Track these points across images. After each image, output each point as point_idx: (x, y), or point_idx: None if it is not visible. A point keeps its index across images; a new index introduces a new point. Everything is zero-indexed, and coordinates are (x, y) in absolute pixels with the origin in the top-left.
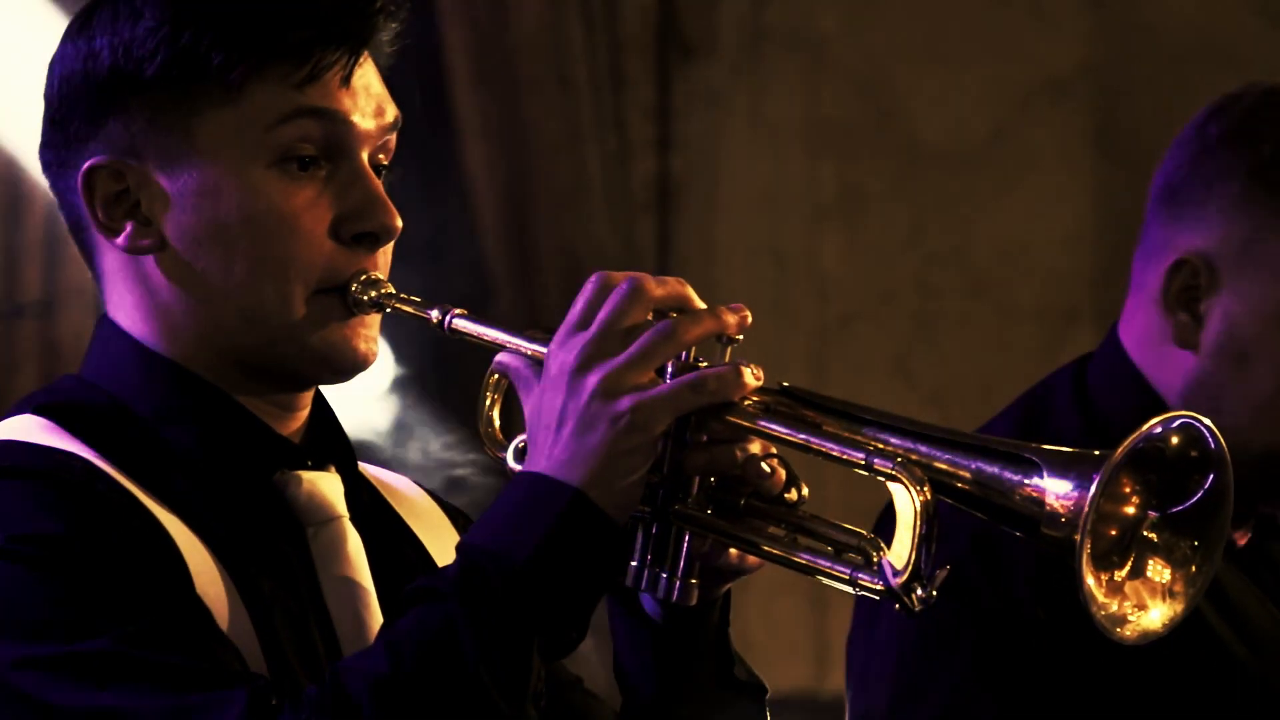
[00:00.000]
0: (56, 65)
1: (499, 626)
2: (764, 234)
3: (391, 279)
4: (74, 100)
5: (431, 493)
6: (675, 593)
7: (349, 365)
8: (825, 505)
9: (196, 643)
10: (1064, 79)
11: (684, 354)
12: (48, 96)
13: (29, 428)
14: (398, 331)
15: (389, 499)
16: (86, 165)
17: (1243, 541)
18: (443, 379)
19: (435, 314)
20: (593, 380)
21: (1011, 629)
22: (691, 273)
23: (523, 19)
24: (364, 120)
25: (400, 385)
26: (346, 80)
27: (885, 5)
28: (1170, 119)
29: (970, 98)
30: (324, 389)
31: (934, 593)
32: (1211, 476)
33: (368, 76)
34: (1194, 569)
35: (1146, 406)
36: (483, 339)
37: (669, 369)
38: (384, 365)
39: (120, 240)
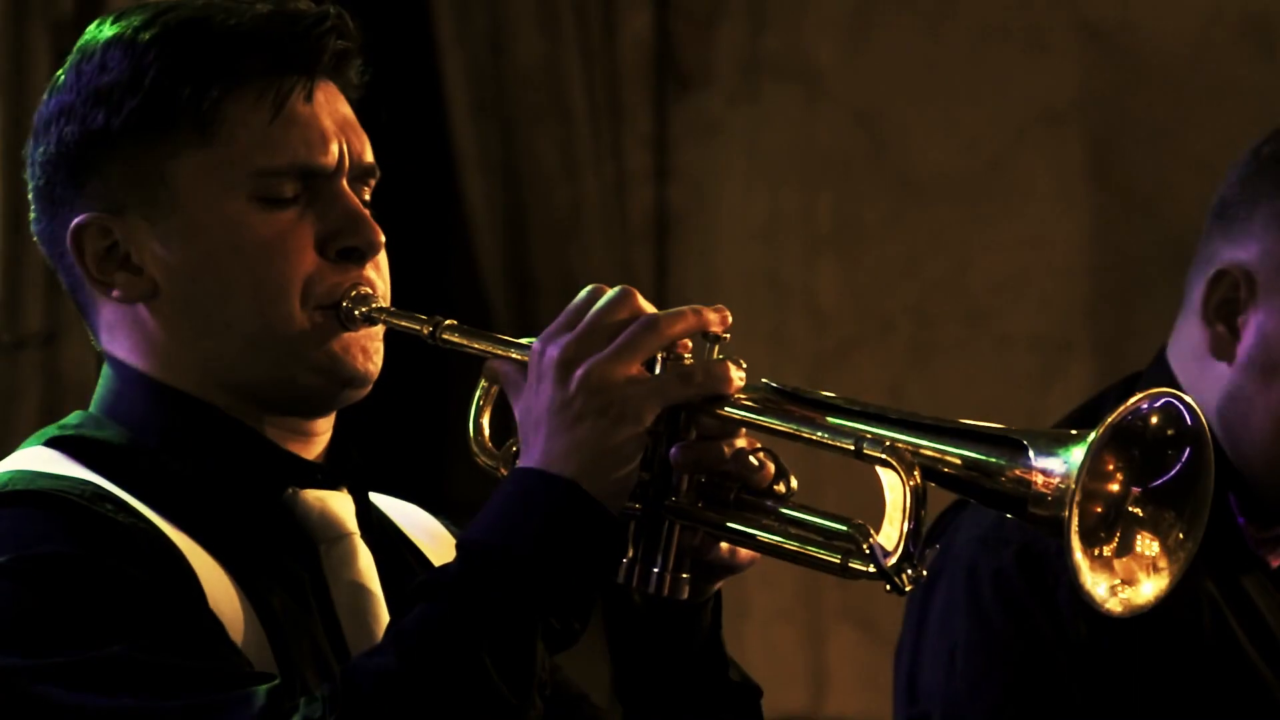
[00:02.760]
0: (37, 134)
1: (501, 617)
2: (761, 264)
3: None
4: (54, 167)
5: (443, 519)
6: (666, 587)
7: (351, 379)
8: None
9: (212, 648)
10: (1060, 110)
11: (671, 351)
12: (30, 167)
13: (41, 459)
14: None
15: (400, 523)
16: (73, 225)
17: (1277, 563)
18: None
19: (426, 327)
20: (580, 373)
21: (1055, 642)
22: (689, 302)
23: (520, 51)
24: (341, 155)
25: None
26: (308, 99)
27: (882, 37)
28: (1166, 150)
29: (966, 129)
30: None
31: (924, 572)
32: (1188, 450)
33: (340, 110)
34: (1180, 537)
35: None
36: (473, 348)
37: (658, 365)
38: None
39: (115, 293)
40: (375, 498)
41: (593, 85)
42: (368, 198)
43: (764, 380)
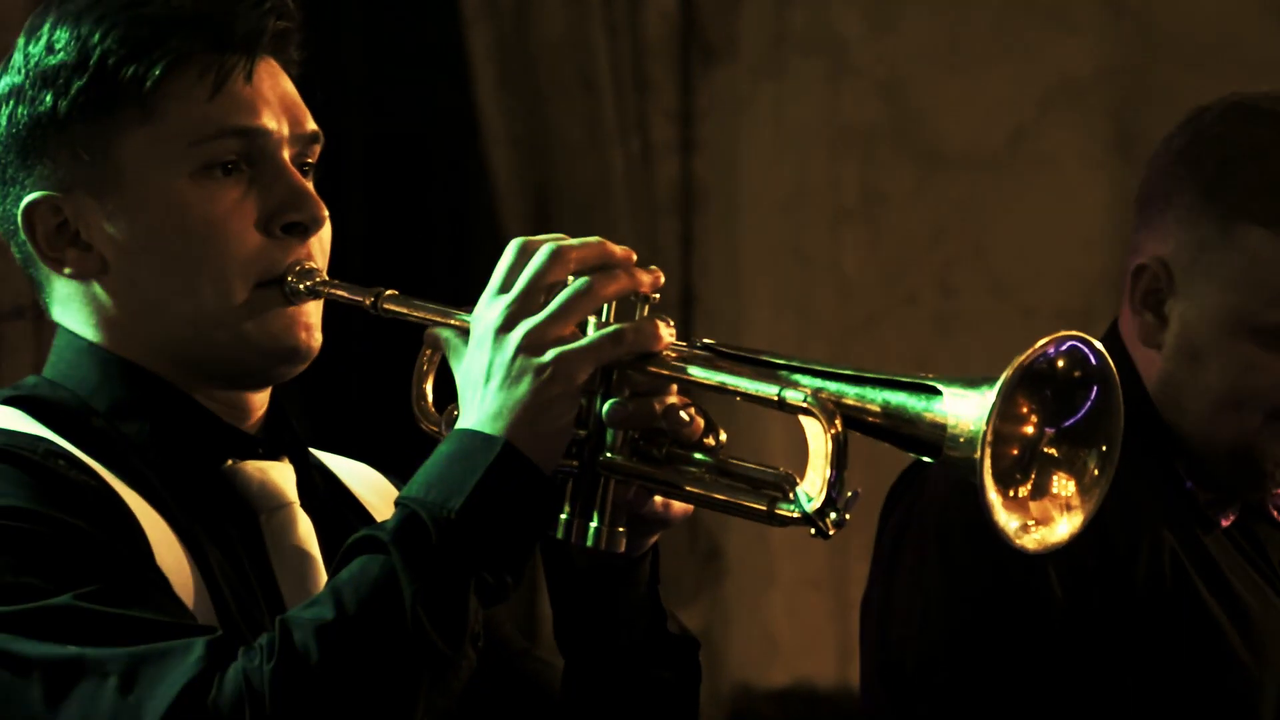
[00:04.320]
0: None
1: (435, 570)
2: (786, 236)
3: (419, 284)
4: (4, 149)
5: (392, 477)
6: (604, 541)
7: (291, 354)
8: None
9: (157, 601)
10: (1083, 82)
11: (603, 312)
12: None
13: None
14: None
15: (347, 484)
16: (24, 204)
17: (1227, 523)
18: None
19: (368, 298)
20: (516, 336)
21: (1027, 591)
22: (714, 274)
23: (546, 24)
24: (280, 126)
25: None
26: (249, 78)
27: (906, 9)
28: None
29: (990, 100)
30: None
31: (847, 517)
32: (1095, 389)
33: (281, 85)
34: (1095, 474)
35: (1133, 394)
36: (413, 316)
37: (590, 326)
38: None
39: (67, 270)
40: (324, 456)
41: (618, 58)
42: (313, 161)
43: (704, 340)
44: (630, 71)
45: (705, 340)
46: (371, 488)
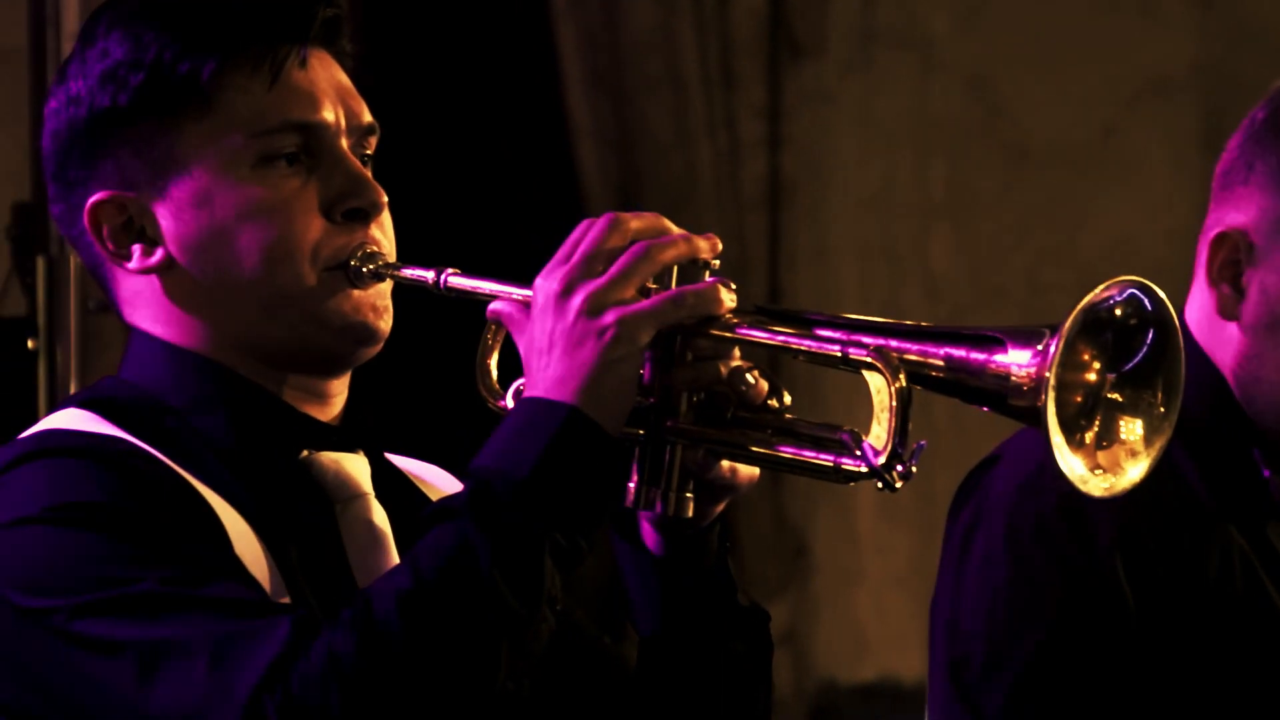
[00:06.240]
0: (47, 122)
1: (508, 533)
2: (874, 232)
3: (503, 275)
4: (66, 151)
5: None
6: (672, 506)
7: (362, 331)
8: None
9: (238, 583)
10: (1172, 78)
11: (665, 279)
12: (44, 154)
13: (72, 419)
14: None
15: (418, 485)
16: (88, 205)
17: None
18: None
19: (430, 276)
20: (577, 301)
21: (1097, 588)
22: (802, 271)
23: (634, 20)
24: (338, 118)
25: None
26: (303, 65)
27: (995, 5)
28: None
29: (1079, 97)
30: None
31: (914, 469)
32: (1152, 332)
33: (336, 77)
34: (1162, 411)
35: (1203, 379)
36: (479, 293)
37: (651, 291)
38: None
39: (132, 265)
40: (399, 460)
41: (706, 54)
42: (370, 152)
43: (756, 305)
44: (718, 67)
45: (754, 304)
46: (444, 490)
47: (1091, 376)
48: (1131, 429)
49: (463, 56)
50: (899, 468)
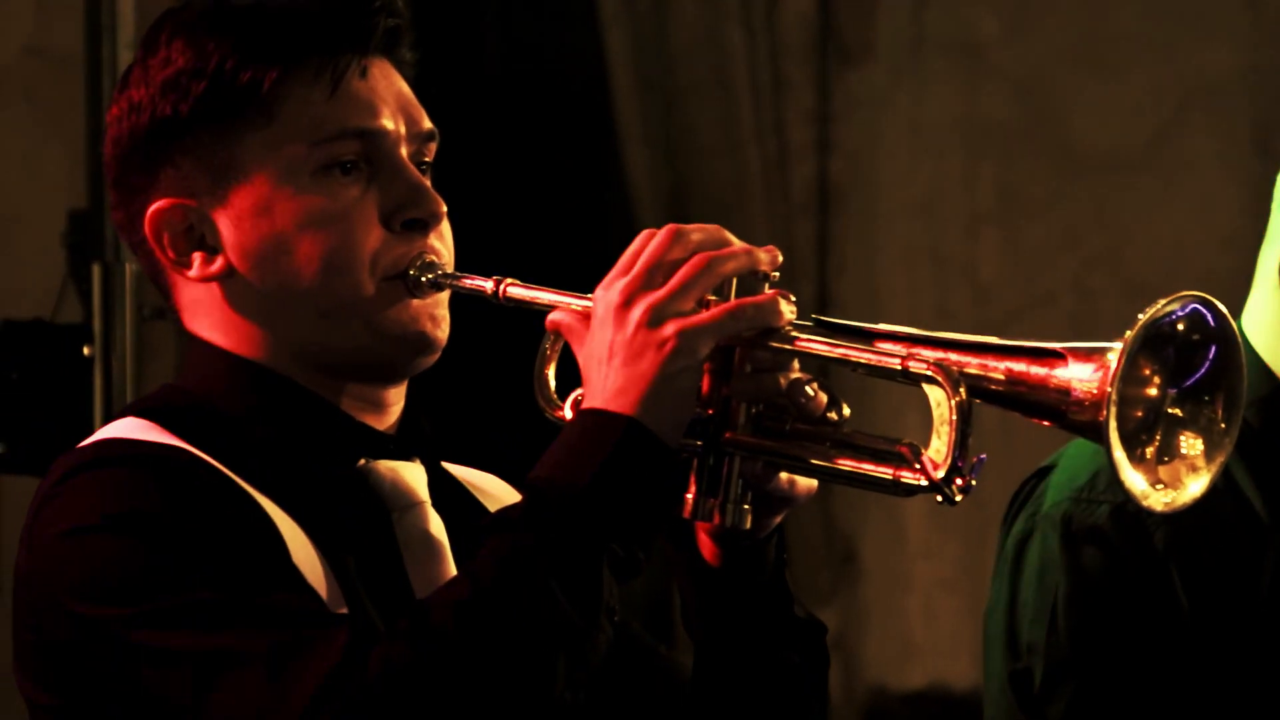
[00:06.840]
0: (109, 129)
1: (566, 543)
2: (922, 237)
3: (554, 285)
4: (127, 158)
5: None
6: (730, 518)
7: (420, 341)
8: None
9: (296, 592)
10: (1222, 83)
11: (724, 291)
12: (106, 161)
13: (130, 428)
14: None
15: (475, 494)
16: (149, 212)
17: None
18: None
19: (489, 285)
20: (638, 312)
21: (1154, 597)
22: (850, 276)
23: (683, 25)
24: (398, 125)
25: None
26: (364, 75)
27: (1044, 9)
28: None
29: (1129, 101)
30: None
31: (973, 482)
32: (1214, 348)
33: (396, 85)
34: (1222, 426)
35: (1260, 388)
36: (537, 303)
37: (710, 303)
38: None
39: (192, 272)
40: (455, 469)
41: (755, 59)
42: (429, 159)
43: (814, 315)
44: (767, 72)
45: (814, 315)
46: (500, 498)
47: (1152, 391)
48: (1192, 444)
49: (513, 61)
50: (958, 481)
